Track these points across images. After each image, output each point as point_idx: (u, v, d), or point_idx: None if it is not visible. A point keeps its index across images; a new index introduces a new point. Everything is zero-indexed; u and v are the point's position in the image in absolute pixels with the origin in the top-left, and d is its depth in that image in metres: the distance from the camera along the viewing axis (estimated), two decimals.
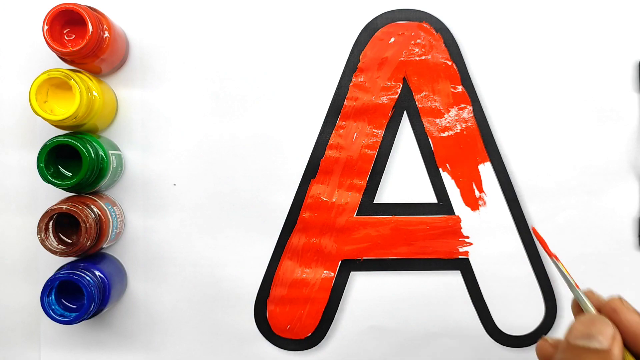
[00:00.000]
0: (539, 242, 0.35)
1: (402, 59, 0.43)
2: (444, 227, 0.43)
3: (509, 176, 0.43)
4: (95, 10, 0.39)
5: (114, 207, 0.41)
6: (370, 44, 0.43)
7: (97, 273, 0.39)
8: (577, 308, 0.32)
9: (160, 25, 0.43)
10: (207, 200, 0.43)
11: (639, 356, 0.29)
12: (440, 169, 0.43)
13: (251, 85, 0.43)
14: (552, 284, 0.43)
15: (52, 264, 0.42)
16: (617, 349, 0.28)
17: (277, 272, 0.43)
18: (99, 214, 0.39)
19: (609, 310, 0.30)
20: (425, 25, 0.43)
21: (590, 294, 0.32)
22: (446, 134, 0.43)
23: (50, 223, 0.38)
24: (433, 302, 0.44)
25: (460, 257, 0.43)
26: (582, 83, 0.43)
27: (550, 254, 0.34)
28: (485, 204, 0.43)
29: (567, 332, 0.29)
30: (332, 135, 0.43)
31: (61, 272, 0.38)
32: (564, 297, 0.43)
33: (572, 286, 0.32)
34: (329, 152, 0.43)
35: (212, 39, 0.43)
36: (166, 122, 0.43)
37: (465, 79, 0.43)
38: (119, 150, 0.42)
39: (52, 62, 0.41)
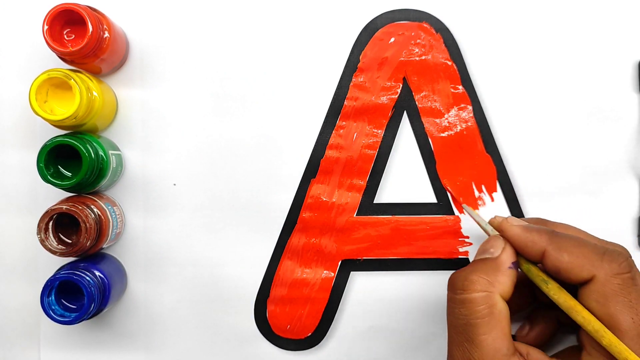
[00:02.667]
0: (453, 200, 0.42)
1: (402, 59, 0.43)
2: (444, 227, 0.43)
3: (508, 176, 0.43)
4: (95, 10, 0.39)
5: (114, 207, 0.41)
6: (370, 44, 0.43)
7: (97, 273, 0.39)
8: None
9: (160, 25, 0.43)
10: (207, 200, 0.43)
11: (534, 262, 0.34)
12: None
13: (251, 85, 0.43)
14: None
15: (52, 264, 0.42)
16: (506, 255, 0.33)
17: (277, 272, 0.43)
18: (99, 214, 0.39)
19: (498, 231, 0.35)
20: (425, 25, 0.43)
21: (493, 221, 0.36)
22: (446, 134, 0.43)
23: (50, 223, 0.38)
24: (433, 302, 0.44)
25: (460, 257, 0.43)
26: (581, 83, 0.43)
27: (459, 207, 0.43)
28: (485, 204, 0.43)
29: None
30: (332, 135, 0.43)
31: (61, 272, 0.38)
32: None
33: (479, 219, 0.38)
34: (329, 152, 0.43)
35: (212, 39, 0.43)
36: (166, 122, 0.43)
37: (465, 79, 0.43)
38: (119, 150, 0.42)
39: (52, 62, 0.41)
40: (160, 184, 0.43)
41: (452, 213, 0.43)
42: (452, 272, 0.43)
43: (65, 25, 0.39)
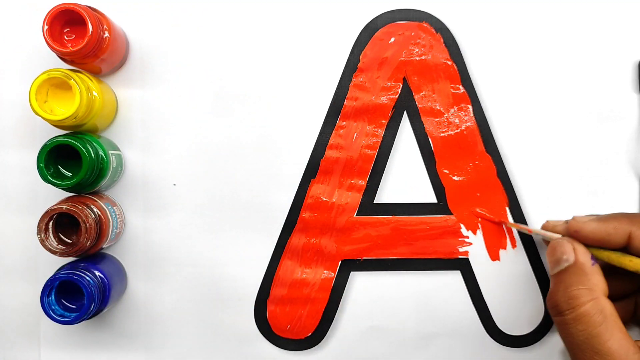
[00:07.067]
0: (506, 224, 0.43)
1: (402, 59, 0.43)
2: (444, 227, 0.43)
3: (509, 176, 0.43)
4: (95, 10, 0.39)
5: (114, 207, 0.41)
6: (370, 44, 0.43)
7: (97, 273, 0.39)
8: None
9: (160, 25, 0.43)
10: (207, 200, 0.43)
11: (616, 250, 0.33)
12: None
13: (251, 85, 0.43)
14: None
15: (52, 264, 0.42)
16: (582, 255, 0.33)
17: (277, 272, 0.43)
18: (99, 214, 0.39)
19: (572, 233, 0.34)
20: (425, 25, 0.43)
21: (548, 225, 0.37)
22: (446, 133, 0.43)
23: (50, 223, 0.38)
24: (433, 302, 0.44)
25: (460, 257, 0.43)
26: (581, 83, 0.43)
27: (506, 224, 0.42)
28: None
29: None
30: (332, 135, 0.43)
31: (61, 272, 0.38)
32: None
33: (539, 231, 0.37)
34: (329, 152, 0.43)
35: (212, 39, 0.43)
36: (166, 122, 0.43)
37: (465, 79, 0.43)
38: (119, 150, 0.42)
39: (52, 62, 0.41)
40: (160, 184, 0.43)
41: (452, 213, 0.43)
42: (452, 271, 0.44)
43: (65, 25, 0.39)
